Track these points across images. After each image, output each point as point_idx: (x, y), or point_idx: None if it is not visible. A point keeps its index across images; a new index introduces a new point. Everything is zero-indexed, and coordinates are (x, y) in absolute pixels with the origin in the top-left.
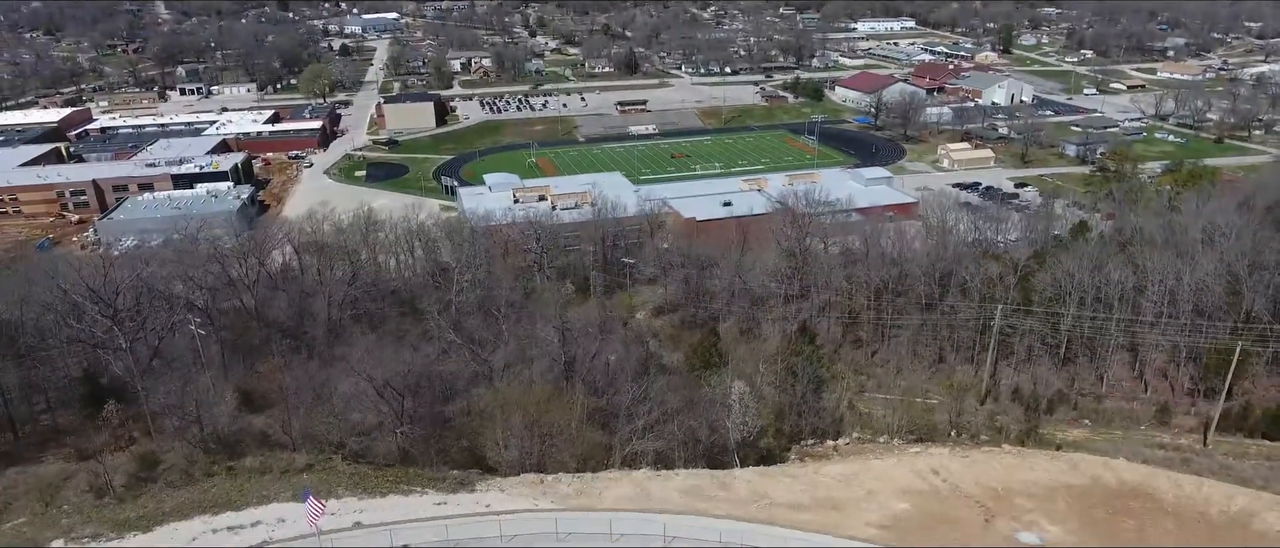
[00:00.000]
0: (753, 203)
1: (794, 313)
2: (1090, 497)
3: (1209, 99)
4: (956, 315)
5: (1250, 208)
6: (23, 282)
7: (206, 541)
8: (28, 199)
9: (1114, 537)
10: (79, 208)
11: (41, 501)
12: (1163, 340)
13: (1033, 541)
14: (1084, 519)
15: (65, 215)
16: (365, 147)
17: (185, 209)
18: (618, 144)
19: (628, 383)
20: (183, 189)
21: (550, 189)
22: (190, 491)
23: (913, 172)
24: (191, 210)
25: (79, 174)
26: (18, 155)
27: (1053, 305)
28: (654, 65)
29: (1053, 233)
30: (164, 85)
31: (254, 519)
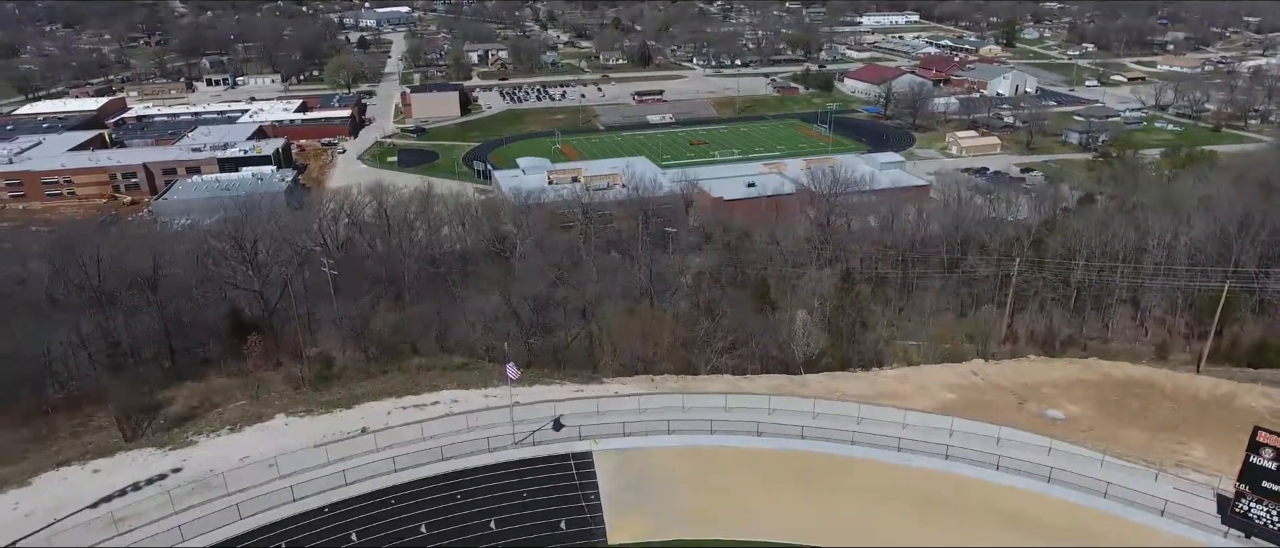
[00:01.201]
0: (775, 184)
1: (827, 275)
2: (1102, 387)
3: (1207, 90)
4: (976, 272)
5: (1243, 179)
6: (166, 238)
7: (399, 416)
8: (81, 181)
9: (1121, 412)
10: (130, 189)
11: (251, 393)
12: (1162, 287)
13: (1058, 415)
14: (1097, 401)
15: (117, 197)
16: (394, 134)
17: (234, 190)
18: (637, 132)
19: (701, 315)
20: (228, 172)
21: (582, 171)
22: (371, 383)
23: (922, 158)
24: (240, 191)
25: (129, 158)
26: (65, 141)
27: (1063, 261)
28: (666, 58)
29: (1061, 206)
30: (191, 76)
31: (433, 400)
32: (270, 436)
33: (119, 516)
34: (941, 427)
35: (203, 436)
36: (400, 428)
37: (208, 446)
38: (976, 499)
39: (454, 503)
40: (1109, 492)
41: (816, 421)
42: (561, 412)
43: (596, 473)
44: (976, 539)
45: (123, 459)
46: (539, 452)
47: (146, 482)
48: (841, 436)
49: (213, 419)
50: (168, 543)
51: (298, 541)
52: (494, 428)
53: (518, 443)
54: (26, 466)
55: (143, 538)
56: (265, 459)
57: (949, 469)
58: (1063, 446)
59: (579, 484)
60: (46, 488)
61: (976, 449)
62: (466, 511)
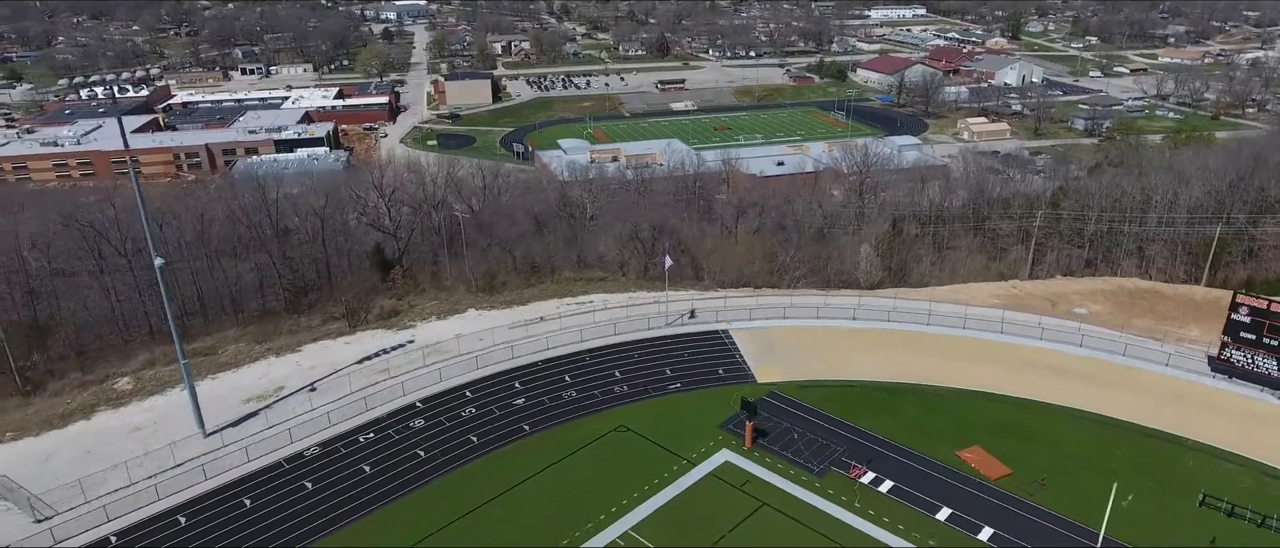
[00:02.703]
0: (802, 163)
1: (877, 222)
2: (1118, 294)
3: (1206, 81)
4: (1000, 230)
5: (1237, 151)
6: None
7: (566, 309)
8: (148, 160)
9: (1133, 308)
10: (193, 168)
11: (438, 297)
12: (1164, 236)
13: (1083, 311)
14: (1113, 303)
15: (180, 175)
16: (429, 120)
17: (292, 168)
18: (662, 118)
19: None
20: (284, 153)
21: (621, 151)
22: (532, 290)
23: (936, 142)
24: (299, 169)
25: (192, 139)
26: (129, 125)
27: (1077, 218)
28: (683, 49)
29: (1072, 177)
30: (225, 65)
31: (588, 300)
32: (468, 322)
33: (381, 367)
34: (994, 317)
35: (416, 323)
36: (571, 316)
37: (423, 328)
38: (1025, 358)
39: (633, 360)
40: (1126, 352)
41: (895, 313)
42: (695, 307)
43: (735, 342)
44: (1025, 379)
45: (364, 336)
46: (687, 330)
47: (392, 348)
48: (918, 319)
49: (417, 313)
50: (427, 383)
51: (527, 382)
52: (646, 318)
53: (669, 324)
54: (286, 342)
55: (408, 378)
56: (475, 334)
57: (1003, 340)
58: (1089, 327)
59: (724, 348)
60: (314, 356)
61: (1022, 328)
62: (644, 364)
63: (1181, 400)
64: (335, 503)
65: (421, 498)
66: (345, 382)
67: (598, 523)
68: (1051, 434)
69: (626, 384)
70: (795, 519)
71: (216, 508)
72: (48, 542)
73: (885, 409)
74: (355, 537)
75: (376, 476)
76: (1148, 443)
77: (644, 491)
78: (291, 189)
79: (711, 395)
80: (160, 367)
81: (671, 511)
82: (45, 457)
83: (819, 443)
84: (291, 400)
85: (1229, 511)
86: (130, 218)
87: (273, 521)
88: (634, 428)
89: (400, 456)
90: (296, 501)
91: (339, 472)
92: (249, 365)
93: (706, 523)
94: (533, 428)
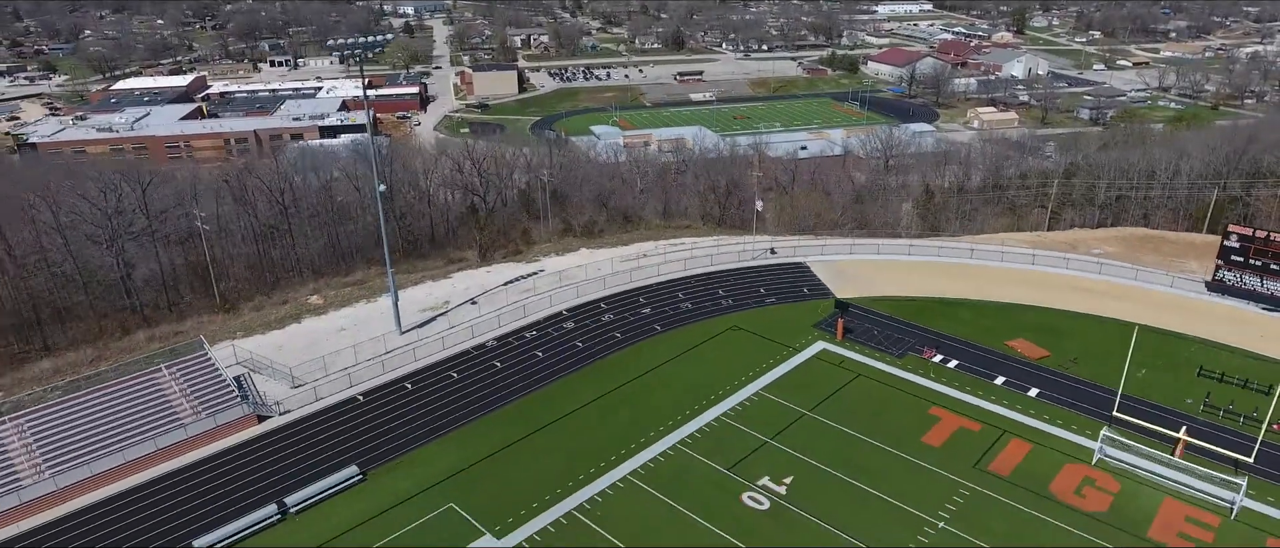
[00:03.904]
0: (824, 148)
1: (911, 188)
2: (1129, 239)
3: (1207, 73)
4: (1018, 200)
5: (1235, 131)
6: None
7: (662, 248)
8: (199, 145)
9: (1142, 249)
10: (242, 153)
11: (549, 240)
12: (1167, 201)
13: (1099, 251)
14: (1125, 245)
15: (229, 159)
16: (459, 109)
17: (344, 151)
18: (682, 108)
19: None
20: (328, 138)
21: (653, 136)
22: (628, 235)
23: (947, 130)
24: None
25: (241, 125)
26: (169, 112)
27: (1089, 187)
28: (697, 42)
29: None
30: (254, 57)
31: (679, 242)
32: (583, 257)
33: (525, 287)
34: (1026, 253)
35: (539, 258)
36: (669, 253)
37: (547, 262)
38: (1053, 281)
39: (730, 283)
40: (1137, 277)
41: (941, 251)
42: (774, 246)
43: (812, 271)
44: (1055, 296)
45: (498, 268)
46: (771, 262)
47: (526, 275)
48: (962, 256)
49: (537, 251)
50: (567, 298)
51: (649, 298)
52: (735, 253)
53: (755, 258)
54: (435, 272)
55: (551, 294)
56: (592, 264)
57: (1034, 269)
58: (1105, 261)
59: (804, 275)
60: (464, 281)
61: (1050, 261)
62: (741, 285)
63: (1183, 310)
64: (521, 377)
65: (588, 374)
66: (499, 297)
67: (733, 387)
68: (1079, 332)
69: (731, 299)
70: (884, 384)
71: (432, 379)
72: (311, 397)
73: (944, 316)
74: (549, 396)
75: (547, 360)
76: (1156, 338)
77: (762, 368)
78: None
79: (802, 307)
80: (333, 290)
81: (788, 379)
82: (278, 347)
83: (895, 337)
84: (459, 311)
85: (1219, 377)
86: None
87: (478, 388)
88: (744, 328)
89: (562, 346)
90: (491, 375)
91: (517, 356)
92: (412, 289)
93: (817, 387)
94: (663, 328)
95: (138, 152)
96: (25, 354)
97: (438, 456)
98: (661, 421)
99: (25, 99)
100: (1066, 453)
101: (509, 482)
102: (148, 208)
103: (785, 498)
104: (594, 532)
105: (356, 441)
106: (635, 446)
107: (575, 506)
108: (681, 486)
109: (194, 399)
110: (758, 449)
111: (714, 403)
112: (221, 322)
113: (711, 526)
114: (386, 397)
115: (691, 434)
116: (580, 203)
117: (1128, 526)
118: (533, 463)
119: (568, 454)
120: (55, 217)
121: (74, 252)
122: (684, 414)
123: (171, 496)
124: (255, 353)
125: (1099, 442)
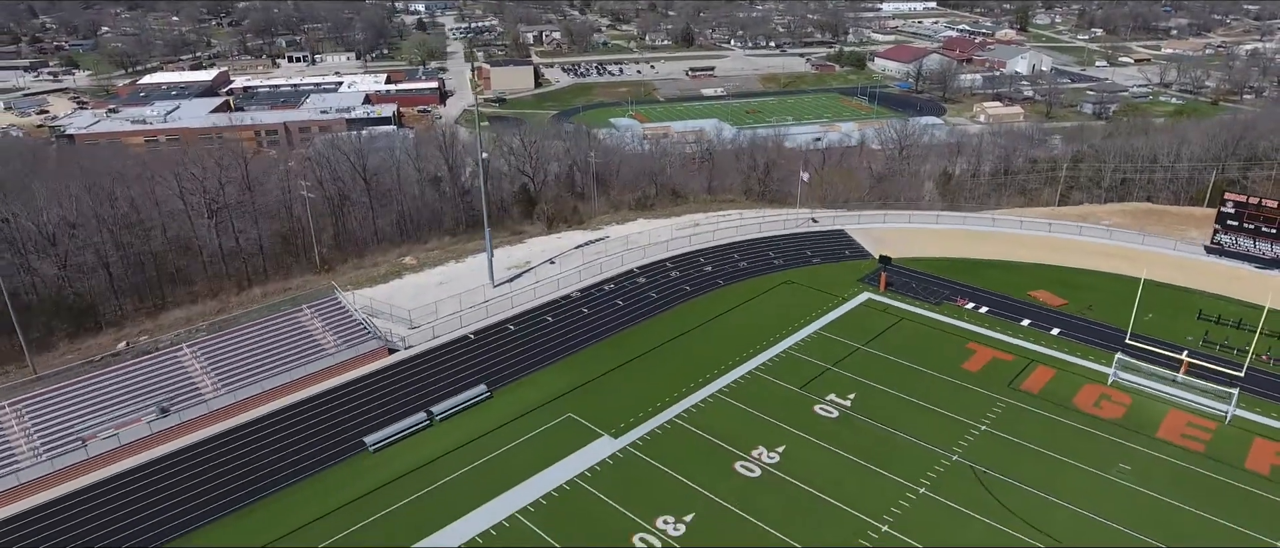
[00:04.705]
0: (837, 139)
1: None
2: (1135, 212)
3: (1207, 69)
4: (1030, 181)
5: (1233, 119)
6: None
7: (714, 219)
8: (231, 136)
9: (1146, 220)
10: (272, 145)
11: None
12: (1168, 183)
13: (1108, 222)
14: (1130, 217)
15: (262, 150)
16: (479, 103)
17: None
18: (695, 103)
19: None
20: (356, 130)
21: (671, 128)
22: (678, 208)
23: (954, 125)
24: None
25: (271, 118)
26: (199, 105)
27: (1095, 171)
28: (706, 39)
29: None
30: (272, 53)
31: (727, 214)
32: (641, 226)
33: (596, 251)
34: (1043, 223)
35: (602, 227)
36: (719, 223)
37: (610, 230)
38: (1069, 245)
39: (779, 246)
40: (1143, 242)
41: (966, 220)
42: (815, 216)
43: (853, 236)
44: (1071, 257)
45: (567, 235)
46: (814, 230)
47: (595, 240)
48: (984, 224)
49: (597, 222)
50: (636, 258)
51: (709, 258)
52: (780, 222)
53: (799, 226)
54: (508, 238)
55: (621, 254)
56: (652, 231)
57: (1051, 235)
58: (1115, 230)
59: (845, 240)
60: (539, 244)
61: (1065, 229)
62: (790, 248)
63: (1185, 269)
64: (608, 320)
65: (665, 318)
66: (574, 258)
67: (793, 328)
68: (1093, 286)
69: (781, 259)
70: (925, 326)
71: (531, 322)
72: (428, 336)
73: (973, 273)
74: (636, 335)
75: (628, 307)
76: (1161, 290)
77: (816, 314)
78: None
79: (846, 266)
80: (421, 254)
81: (841, 322)
82: (387, 296)
83: (931, 289)
84: (540, 269)
85: (1216, 320)
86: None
87: (572, 329)
88: (796, 282)
89: (638, 296)
90: (580, 320)
91: (601, 304)
92: (497, 250)
93: (867, 328)
94: (725, 283)
95: (171, 143)
96: (157, 307)
97: (550, 378)
98: (736, 353)
99: (51, 93)
100: (1085, 377)
101: (615, 398)
102: (248, 182)
103: (850, 409)
104: (696, 432)
105: (478, 367)
106: (717, 371)
107: (675, 414)
108: (762, 400)
109: (332, 334)
110: (822, 374)
111: (779, 340)
112: (326, 280)
113: (791, 427)
114: (494, 336)
115: (763, 364)
116: (621, 185)
117: (1139, 429)
118: (633, 384)
119: (662, 377)
120: (179, 185)
121: (191, 218)
122: (754, 348)
123: (333, 407)
124: (372, 300)
125: (1113, 366)
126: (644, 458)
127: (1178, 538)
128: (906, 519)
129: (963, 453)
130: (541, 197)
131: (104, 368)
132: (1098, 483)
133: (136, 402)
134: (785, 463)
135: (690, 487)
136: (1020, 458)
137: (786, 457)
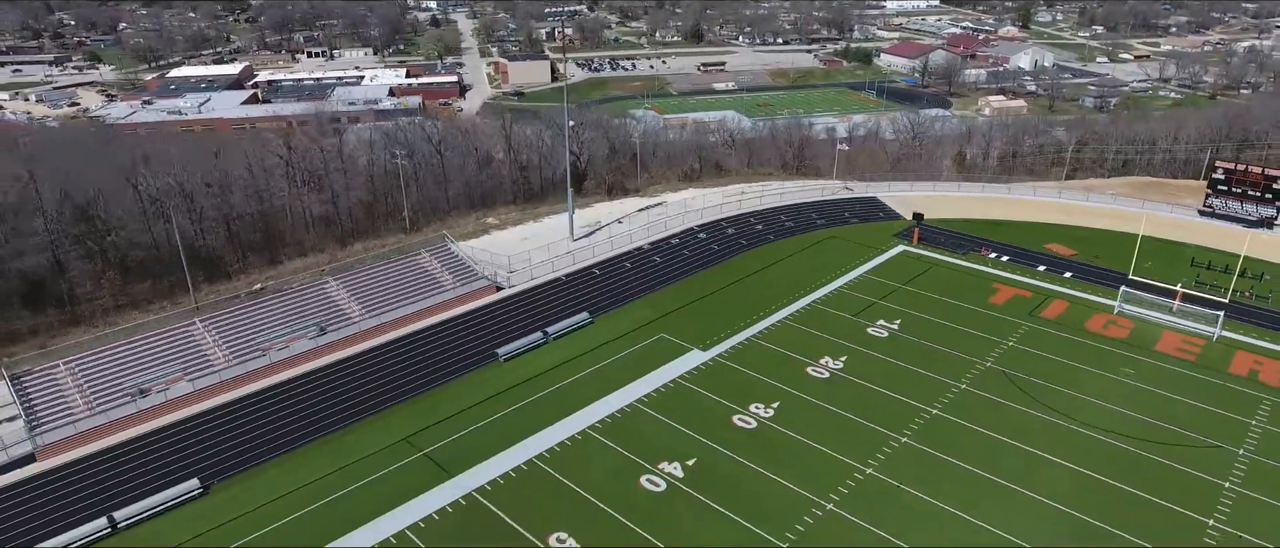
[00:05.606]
0: (851, 127)
1: (943, 154)
2: (1136, 184)
3: (1205, 65)
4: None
5: (1229, 108)
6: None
7: (754, 189)
8: (264, 127)
9: (1147, 191)
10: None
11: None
12: (1167, 163)
13: (1112, 193)
14: (1133, 188)
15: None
16: (496, 97)
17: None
18: (707, 96)
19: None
20: (384, 121)
21: (688, 120)
22: (720, 179)
23: (961, 116)
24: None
25: (302, 109)
26: (228, 98)
27: (1099, 154)
28: (715, 35)
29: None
30: (291, 48)
31: (764, 186)
32: (692, 193)
33: (657, 214)
34: (1053, 190)
35: (658, 195)
36: (763, 192)
37: (665, 197)
38: (1076, 210)
39: (819, 210)
40: (1144, 206)
41: (984, 189)
42: (848, 184)
43: (884, 201)
44: (1080, 219)
45: (626, 201)
46: (849, 196)
47: (655, 205)
48: (1000, 192)
49: (652, 190)
50: (695, 219)
51: (759, 219)
52: (819, 190)
53: (835, 194)
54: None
55: (681, 215)
56: (703, 196)
57: (1062, 201)
58: (1119, 198)
59: (878, 204)
60: (605, 207)
61: (1074, 196)
62: (829, 211)
63: (1180, 228)
64: (676, 268)
65: (728, 264)
66: (639, 219)
67: (840, 273)
68: (1099, 241)
69: (823, 220)
70: (955, 270)
71: (611, 268)
72: (526, 278)
73: (993, 231)
74: (705, 278)
75: (694, 257)
76: (1159, 245)
77: (859, 262)
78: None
79: (881, 226)
80: (502, 216)
81: (882, 268)
82: (480, 250)
83: (959, 243)
84: (610, 227)
85: (1207, 266)
86: (422, 134)
87: (650, 274)
88: (839, 237)
89: (701, 249)
90: (654, 267)
91: (671, 255)
92: (564, 215)
93: (905, 273)
94: (775, 238)
95: (206, 133)
96: (272, 261)
97: (641, 309)
98: (794, 291)
99: (79, 86)
100: (1094, 308)
101: (697, 323)
102: (342, 154)
103: (898, 331)
104: (771, 348)
105: (576, 300)
106: (780, 305)
107: (751, 335)
108: (824, 323)
109: (449, 274)
110: (870, 306)
111: (828, 282)
112: (419, 236)
113: (850, 343)
114: (582, 279)
115: (819, 298)
116: (660, 163)
117: (1142, 346)
118: (709, 314)
119: (735, 308)
120: (287, 160)
121: (292, 185)
122: (809, 288)
123: (463, 329)
124: (470, 251)
125: (1119, 299)
126: (732, 365)
127: (1172, 420)
128: (952, 405)
129: (995, 361)
130: (588, 173)
131: (263, 298)
132: (1108, 383)
133: (297, 322)
134: (848, 368)
135: (773, 384)
136: (1043, 365)
137: (849, 365)
